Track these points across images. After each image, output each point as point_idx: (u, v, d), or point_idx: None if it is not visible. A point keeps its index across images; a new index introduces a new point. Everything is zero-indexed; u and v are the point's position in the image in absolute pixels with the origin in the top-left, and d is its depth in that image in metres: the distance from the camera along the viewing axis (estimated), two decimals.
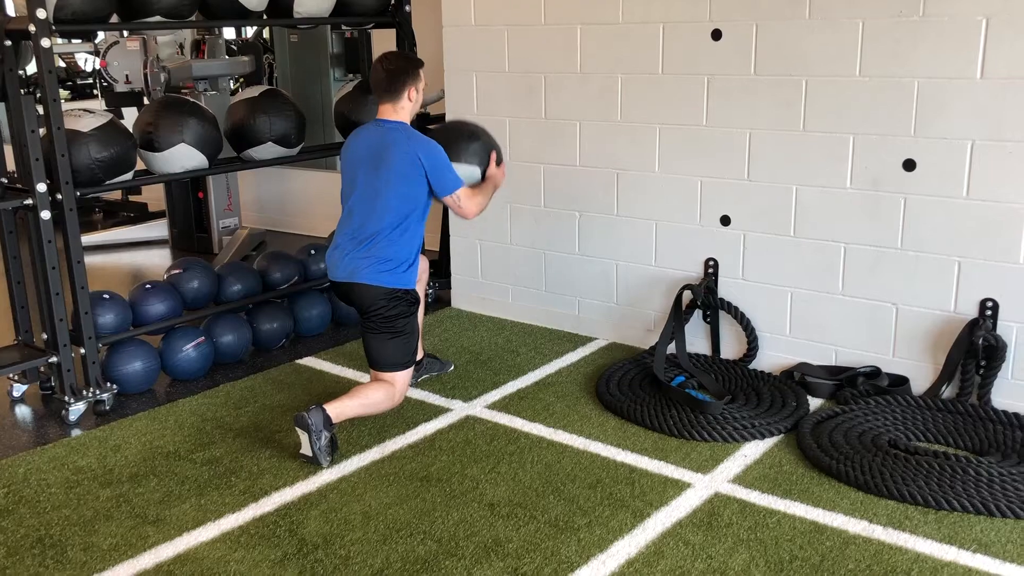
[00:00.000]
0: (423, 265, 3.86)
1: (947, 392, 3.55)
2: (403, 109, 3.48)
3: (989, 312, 3.41)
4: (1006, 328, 3.40)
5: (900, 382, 3.63)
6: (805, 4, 3.59)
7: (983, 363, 3.43)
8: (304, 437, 3.22)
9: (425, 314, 4.07)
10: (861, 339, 3.73)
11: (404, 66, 3.47)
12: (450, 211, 4.75)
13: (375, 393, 3.40)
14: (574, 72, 4.29)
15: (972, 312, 3.46)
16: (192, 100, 4.31)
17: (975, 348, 3.41)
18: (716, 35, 3.83)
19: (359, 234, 3.43)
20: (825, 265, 3.76)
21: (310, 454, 3.23)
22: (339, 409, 3.28)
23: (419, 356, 3.99)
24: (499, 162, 3.74)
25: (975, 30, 3.26)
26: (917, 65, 3.40)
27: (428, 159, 3.39)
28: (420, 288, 3.87)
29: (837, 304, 3.76)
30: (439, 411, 3.72)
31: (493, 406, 3.76)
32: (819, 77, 3.61)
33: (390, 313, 3.42)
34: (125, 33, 5.95)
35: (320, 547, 2.77)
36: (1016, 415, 3.34)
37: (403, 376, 3.49)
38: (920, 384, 3.62)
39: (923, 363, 3.61)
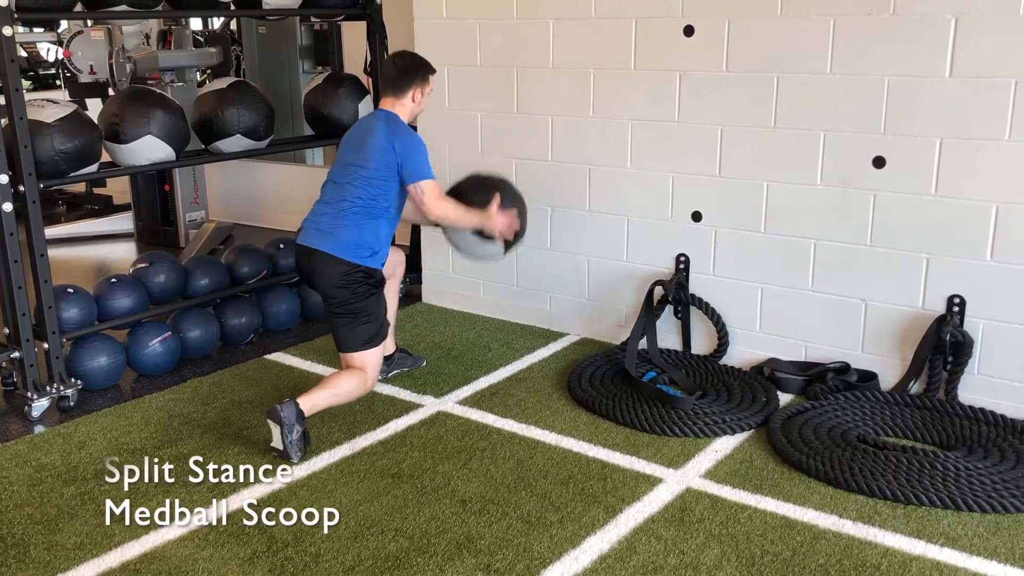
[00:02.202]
0: (397, 258, 3.83)
1: (915, 388, 3.58)
2: (403, 106, 3.48)
3: (956, 308, 3.45)
4: (973, 324, 3.44)
5: (869, 378, 3.66)
6: (777, 1, 3.60)
7: (950, 359, 3.47)
8: (276, 430, 3.19)
9: (397, 309, 4.05)
10: (830, 335, 3.76)
11: (414, 66, 3.51)
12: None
13: (347, 381, 3.37)
14: (546, 66, 4.28)
15: (940, 308, 3.49)
16: (159, 91, 4.25)
17: (943, 344, 3.45)
18: (688, 31, 3.84)
19: (330, 210, 3.43)
20: (795, 261, 3.78)
21: (281, 447, 3.19)
22: (312, 401, 3.25)
23: (391, 351, 3.97)
24: (506, 209, 3.61)
25: (944, 29, 3.29)
26: (887, 63, 3.42)
27: (403, 147, 3.37)
28: (395, 284, 3.85)
29: (807, 300, 3.79)
30: (410, 407, 3.69)
31: (465, 402, 3.74)
32: (790, 74, 3.63)
33: (351, 291, 3.37)
34: (90, 23, 5.85)
35: (290, 544, 2.74)
36: (982, 410, 3.38)
37: (372, 358, 3.44)
38: (888, 380, 3.65)
39: (891, 359, 3.64)
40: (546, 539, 2.75)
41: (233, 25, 7.59)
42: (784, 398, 3.68)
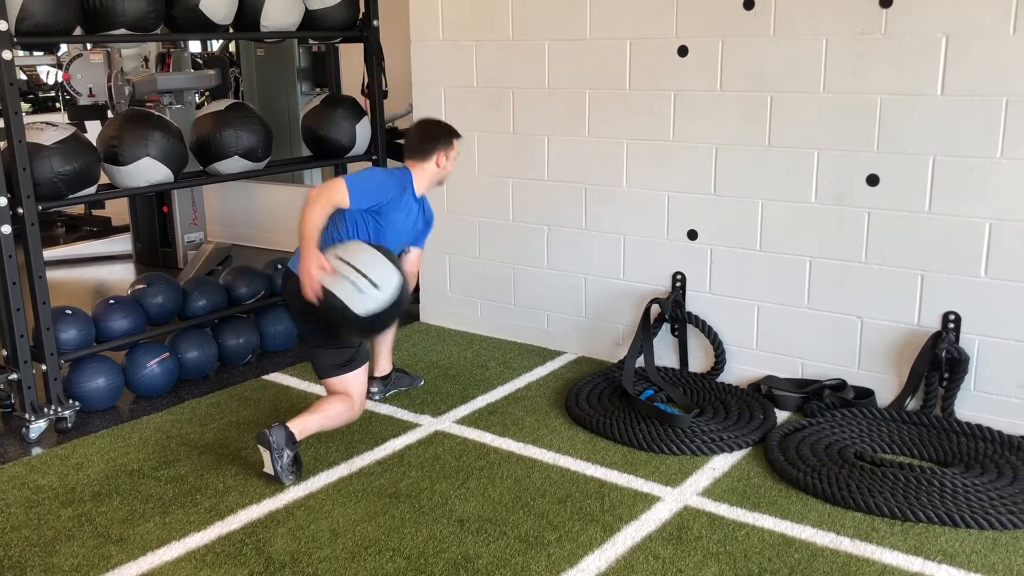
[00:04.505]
0: None
1: (911, 404, 3.59)
2: (423, 169, 3.51)
3: (952, 325, 3.46)
4: (968, 341, 3.45)
5: (865, 394, 3.67)
6: (770, 21, 3.64)
7: (946, 375, 3.48)
8: (266, 455, 3.18)
9: (395, 329, 4.05)
10: (827, 352, 3.77)
11: (439, 132, 3.56)
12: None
13: (334, 405, 3.35)
14: (542, 87, 4.31)
15: (935, 325, 3.51)
16: (157, 114, 4.27)
17: (938, 361, 3.46)
18: (682, 51, 3.87)
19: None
20: (791, 279, 3.79)
21: (272, 472, 3.18)
22: (302, 425, 3.24)
23: (387, 371, 3.97)
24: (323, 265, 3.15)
25: (935, 48, 3.32)
26: (879, 82, 3.45)
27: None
28: None
29: (803, 317, 3.80)
30: (408, 426, 3.70)
31: (462, 421, 3.74)
32: (784, 93, 3.66)
33: (317, 318, 3.25)
34: (89, 46, 5.89)
35: (287, 565, 2.73)
36: (979, 426, 3.38)
37: (353, 383, 3.40)
38: (885, 396, 3.66)
39: (888, 375, 3.65)
40: (544, 558, 2.75)
41: (231, 47, 7.63)
42: (781, 415, 3.68)
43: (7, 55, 3.43)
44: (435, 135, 3.57)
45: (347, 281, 3.07)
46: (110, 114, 5.97)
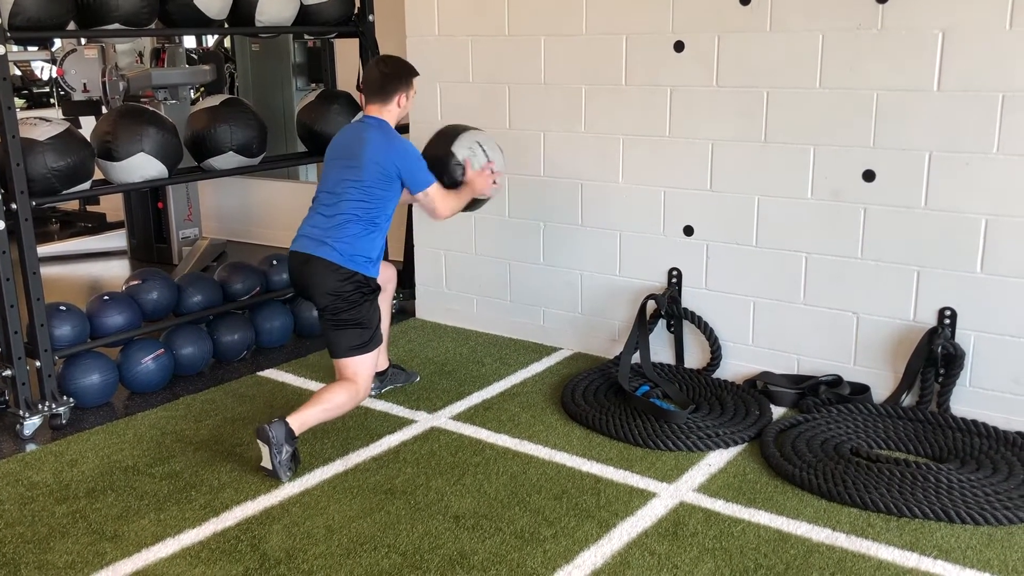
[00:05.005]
0: (388, 273, 3.84)
1: (907, 400, 3.59)
2: (389, 112, 3.50)
3: (947, 321, 3.46)
4: (964, 336, 3.45)
5: (861, 390, 3.67)
6: (766, 17, 3.63)
7: (942, 371, 3.48)
8: (265, 450, 3.17)
9: (390, 324, 4.05)
10: (823, 348, 3.77)
11: (399, 71, 3.52)
12: (415, 216, 4.76)
13: (337, 394, 3.34)
14: (538, 83, 4.30)
15: (931, 321, 3.51)
16: (152, 109, 4.26)
17: (934, 356, 3.46)
18: (678, 47, 3.86)
19: (324, 220, 3.41)
20: (787, 275, 3.79)
21: (270, 468, 3.18)
22: (301, 419, 3.23)
23: (384, 367, 3.96)
24: (485, 170, 3.71)
25: (931, 43, 3.32)
26: (875, 77, 3.45)
27: (400, 158, 3.40)
28: (387, 298, 3.85)
29: (799, 313, 3.80)
30: (404, 422, 3.69)
31: (458, 417, 3.74)
32: (780, 89, 3.65)
33: (345, 298, 3.35)
34: (83, 41, 5.87)
35: (283, 562, 2.73)
36: (974, 422, 3.39)
37: (364, 366, 3.40)
38: (881, 392, 3.66)
39: (883, 371, 3.65)
40: (539, 554, 2.74)
41: (226, 43, 7.61)
42: (777, 411, 3.68)
43: (1, 50, 3.42)
44: (395, 75, 3.50)
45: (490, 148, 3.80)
46: (104, 109, 5.95)
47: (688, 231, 4.01)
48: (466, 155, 3.69)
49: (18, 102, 6.39)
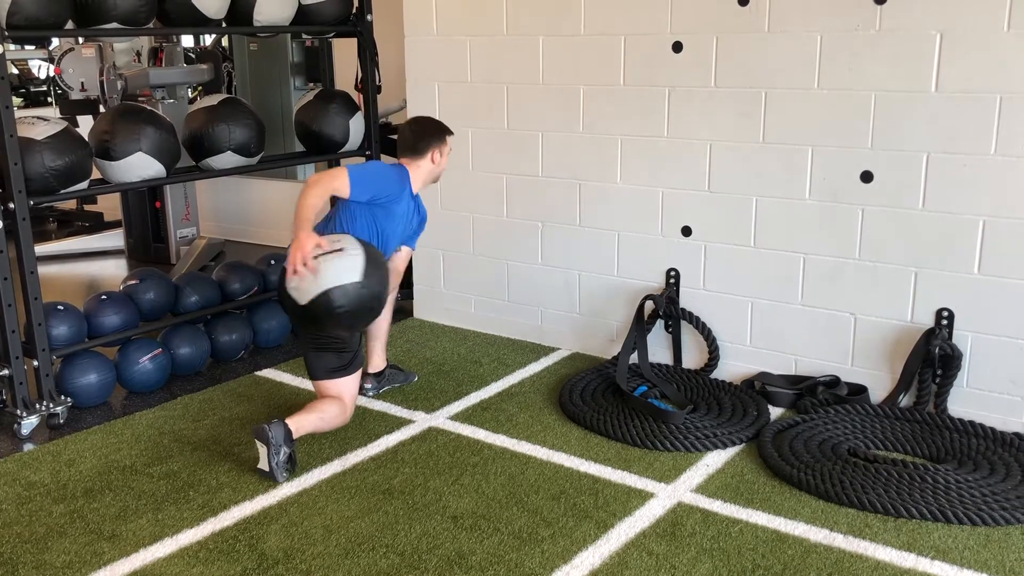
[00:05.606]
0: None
1: (905, 401, 3.59)
2: (418, 166, 3.58)
3: (945, 322, 3.47)
4: (961, 337, 3.46)
5: (859, 391, 3.68)
6: (764, 17, 3.63)
7: (939, 372, 3.48)
8: (263, 450, 3.17)
9: (389, 324, 4.05)
10: (820, 349, 3.78)
11: (431, 130, 3.61)
12: None
13: (329, 407, 3.36)
14: (536, 83, 4.30)
15: (928, 322, 3.51)
16: (149, 108, 4.25)
17: (931, 357, 3.46)
18: (677, 47, 3.86)
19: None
20: (785, 275, 3.80)
21: (267, 469, 3.18)
22: (299, 423, 3.24)
23: (381, 367, 3.96)
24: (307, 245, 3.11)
25: (930, 45, 3.32)
26: (873, 78, 3.45)
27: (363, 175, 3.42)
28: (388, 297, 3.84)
29: (797, 314, 3.80)
30: (401, 422, 3.69)
31: (456, 417, 3.74)
32: (778, 89, 3.66)
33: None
34: (80, 40, 5.86)
35: (281, 562, 2.73)
36: (972, 423, 3.39)
37: (346, 387, 3.42)
38: (878, 393, 3.66)
39: (881, 372, 3.66)
40: (537, 555, 2.74)
41: (224, 42, 7.60)
42: (775, 412, 3.69)
43: None
44: (429, 132, 3.58)
45: (334, 259, 3.09)
46: (102, 108, 5.94)
47: (686, 231, 4.01)
48: (344, 243, 3.20)
49: (16, 101, 6.38)
